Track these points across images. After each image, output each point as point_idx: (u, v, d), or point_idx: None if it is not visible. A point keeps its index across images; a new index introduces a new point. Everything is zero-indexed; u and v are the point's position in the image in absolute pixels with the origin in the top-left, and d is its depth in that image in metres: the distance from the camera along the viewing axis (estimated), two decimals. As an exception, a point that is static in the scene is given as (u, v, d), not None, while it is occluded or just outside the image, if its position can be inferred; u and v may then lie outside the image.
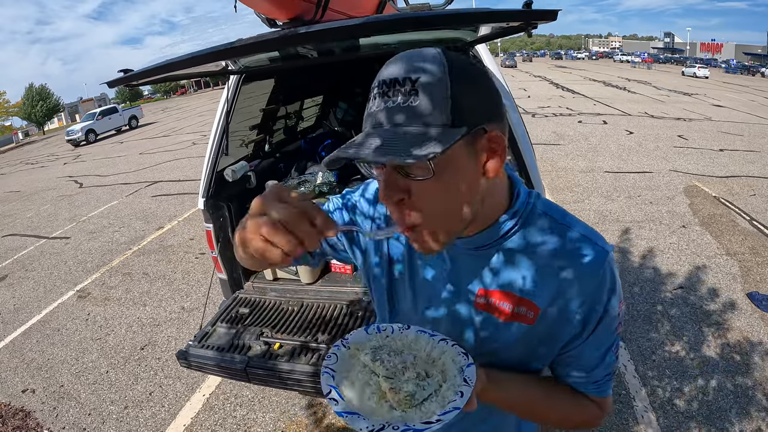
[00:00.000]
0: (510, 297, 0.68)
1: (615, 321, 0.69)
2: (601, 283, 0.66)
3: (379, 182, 0.60)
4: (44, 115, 38.82)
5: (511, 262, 0.68)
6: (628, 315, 3.25)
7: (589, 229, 0.69)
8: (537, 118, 12.77)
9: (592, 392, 0.75)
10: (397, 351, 0.63)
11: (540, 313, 0.67)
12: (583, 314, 0.67)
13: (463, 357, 0.62)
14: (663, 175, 6.72)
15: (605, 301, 0.66)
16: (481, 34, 1.72)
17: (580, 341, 0.69)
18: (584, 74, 34.21)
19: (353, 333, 0.65)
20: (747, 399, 2.44)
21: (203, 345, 2.09)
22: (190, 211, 6.69)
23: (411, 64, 0.55)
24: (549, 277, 0.66)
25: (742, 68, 47.05)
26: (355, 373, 0.61)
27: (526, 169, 2.03)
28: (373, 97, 0.57)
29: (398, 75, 0.55)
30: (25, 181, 12.22)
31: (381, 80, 0.56)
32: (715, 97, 18.83)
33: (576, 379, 0.74)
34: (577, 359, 0.72)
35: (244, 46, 1.21)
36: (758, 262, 3.96)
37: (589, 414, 0.76)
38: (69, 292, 4.51)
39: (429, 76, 0.54)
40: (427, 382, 0.60)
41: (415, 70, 0.54)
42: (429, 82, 0.54)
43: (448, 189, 0.57)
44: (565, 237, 0.67)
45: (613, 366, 0.74)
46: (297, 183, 2.76)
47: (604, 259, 0.66)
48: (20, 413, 2.81)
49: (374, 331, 0.64)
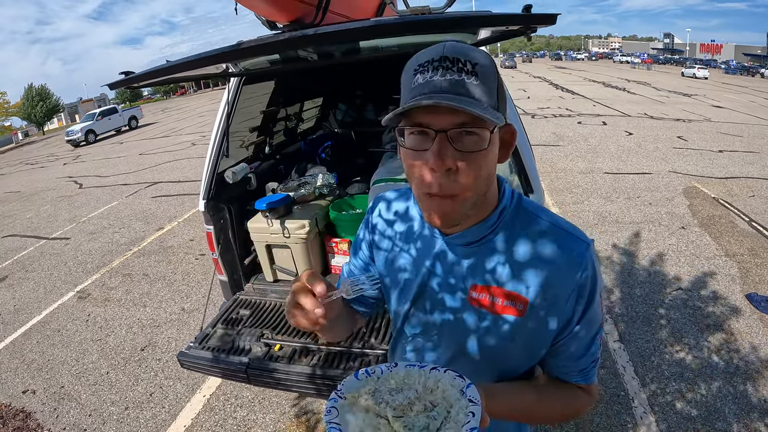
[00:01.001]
0: (500, 291, 0.72)
1: (598, 311, 0.73)
2: (584, 274, 0.69)
3: (424, 153, 0.63)
4: (44, 115, 38.76)
5: (499, 257, 0.72)
6: (627, 316, 3.26)
7: (569, 224, 0.73)
8: (536, 119, 12.78)
9: (580, 380, 0.78)
10: (396, 389, 0.63)
11: (529, 305, 0.70)
12: (571, 304, 0.70)
13: (459, 380, 0.62)
14: (662, 177, 6.73)
15: (590, 291, 0.70)
16: (481, 37, 1.73)
17: (568, 331, 0.73)
18: (584, 75, 34.23)
19: (344, 382, 0.64)
20: (746, 400, 2.44)
21: (204, 346, 2.10)
22: (190, 212, 6.69)
23: (469, 51, 0.61)
24: (536, 269, 0.70)
25: (742, 69, 47.07)
26: (361, 421, 0.60)
27: (525, 170, 2.04)
28: (428, 69, 0.61)
29: (460, 56, 0.60)
30: (25, 181, 12.22)
31: (443, 56, 0.61)
32: (715, 98, 18.85)
33: (564, 369, 0.78)
34: (566, 349, 0.75)
35: (246, 49, 1.21)
36: (757, 264, 3.96)
37: (581, 403, 0.80)
38: (69, 293, 4.51)
39: (486, 65, 0.61)
40: (436, 412, 0.59)
41: (474, 56, 0.61)
42: (486, 70, 0.61)
43: (489, 164, 0.65)
44: (548, 231, 0.71)
45: (598, 353, 0.78)
46: (297, 185, 2.77)
47: (586, 250, 0.70)
48: (21, 414, 2.81)
49: (365, 376, 0.63)
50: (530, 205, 0.75)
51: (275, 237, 2.47)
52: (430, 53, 0.62)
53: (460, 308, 0.75)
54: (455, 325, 0.77)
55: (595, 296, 0.71)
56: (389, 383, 0.63)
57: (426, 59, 0.62)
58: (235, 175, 2.58)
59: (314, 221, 2.51)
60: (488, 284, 0.72)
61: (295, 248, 2.47)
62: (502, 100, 0.64)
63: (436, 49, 0.62)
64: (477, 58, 0.61)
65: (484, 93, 0.61)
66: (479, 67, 0.60)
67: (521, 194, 0.76)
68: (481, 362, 0.77)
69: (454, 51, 0.60)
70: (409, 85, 0.63)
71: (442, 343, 0.80)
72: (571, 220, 5.11)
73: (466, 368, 0.78)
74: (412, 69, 0.63)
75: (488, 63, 0.62)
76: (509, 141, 0.69)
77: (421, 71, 0.62)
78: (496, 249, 0.72)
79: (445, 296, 0.77)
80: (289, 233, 2.42)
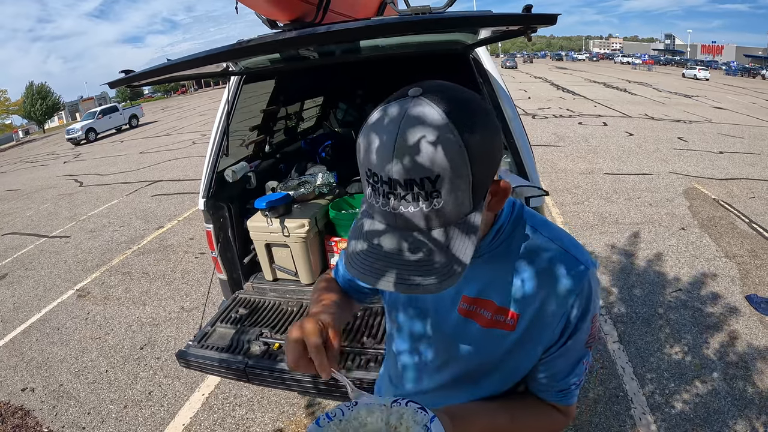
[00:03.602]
0: (491, 305, 0.70)
1: (587, 335, 0.71)
2: (578, 296, 0.67)
3: None
4: (44, 113, 38.78)
5: (493, 271, 0.70)
6: (627, 317, 3.26)
7: (571, 242, 0.71)
8: (537, 119, 12.78)
9: (559, 400, 0.77)
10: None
11: (519, 320, 0.69)
12: (561, 324, 0.69)
13: (422, 414, 0.60)
14: (663, 177, 6.72)
15: (581, 314, 0.68)
16: (481, 37, 1.73)
17: (554, 350, 0.71)
18: (585, 75, 34.22)
19: (308, 431, 0.63)
20: (745, 401, 2.44)
21: (203, 345, 2.10)
22: (190, 210, 6.69)
23: (425, 155, 0.47)
24: (530, 287, 0.68)
25: (743, 70, 47.11)
26: None
27: (526, 170, 2.04)
28: (381, 192, 0.51)
29: (414, 175, 0.48)
30: (26, 179, 12.22)
31: (393, 179, 0.49)
32: (716, 99, 18.84)
33: (545, 387, 0.76)
34: (550, 367, 0.74)
35: (245, 48, 1.21)
36: (757, 265, 3.96)
37: (556, 424, 0.78)
38: (69, 291, 4.51)
39: (450, 169, 0.48)
40: None
41: (432, 162, 0.47)
42: (451, 180, 0.49)
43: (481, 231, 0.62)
44: (547, 249, 0.69)
45: (582, 376, 0.76)
46: (297, 184, 2.77)
47: (584, 275, 0.67)
48: (20, 412, 2.81)
49: (326, 421, 0.62)
50: (532, 219, 0.72)
51: (275, 236, 2.47)
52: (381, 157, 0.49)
53: (450, 318, 0.75)
54: (445, 335, 0.76)
55: (587, 319, 0.69)
56: (351, 427, 0.62)
57: (375, 163, 0.50)
58: (234, 173, 2.58)
59: (314, 220, 2.51)
60: (480, 297, 0.71)
61: (295, 247, 2.47)
62: (483, 180, 0.53)
63: (385, 153, 0.49)
64: (435, 164, 0.47)
65: (452, 209, 0.51)
66: (440, 183, 0.48)
67: (523, 205, 0.74)
68: (469, 373, 0.77)
69: (407, 163, 0.48)
70: (365, 198, 0.56)
71: (433, 350, 0.80)
72: (571, 221, 5.11)
73: (454, 377, 0.78)
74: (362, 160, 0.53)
75: (454, 160, 0.48)
76: (502, 194, 0.59)
77: (378, 186, 0.51)
78: (490, 263, 0.70)
79: (436, 305, 0.76)
80: (288, 232, 2.42)
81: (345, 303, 0.91)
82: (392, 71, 3.54)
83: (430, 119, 0.49)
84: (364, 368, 1.87)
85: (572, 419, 0.80)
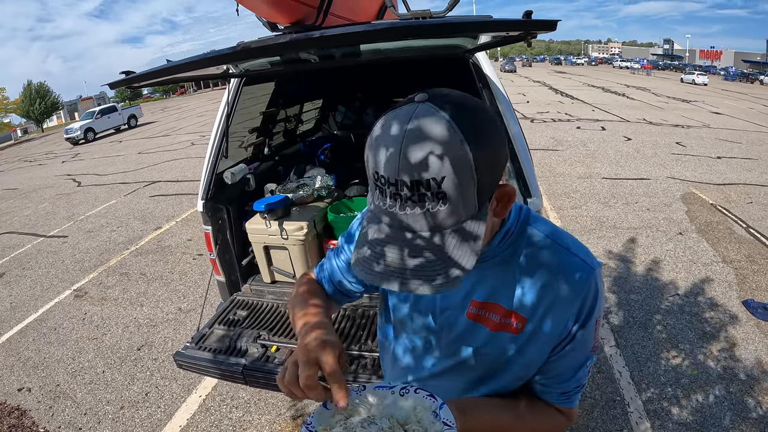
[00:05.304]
0: (499, 308, 0.71)
1: (592, 337, 0.72)
2: (585, 299, 0.68)
3: None
4: (43, 112, 38.65)
5: (501, 274, 0.71)
6: (624, 322, 3.26)
7: (577, 245, 0.71)
8: (535, 123, 12.81)
9: (562, 402, 0.77)
10: (369, 420, 0.61)
11: (526, 324, 0.70)
12: (568, 327, 0.69)
13: (431, 400, 0.61)
14: (660, 182, 6.74)
15: (587, 316, 0.69)
16: (481, 42, 1.74)
17: (557, 352, 0.72)
18: (583, 80, 34.32)
19: (314, 415, 0.62)
20: (741, 406, 2.45)
21: (200, 347, 2.10)
22: (188, 211, 6.68)
23: (432, 157, 0.49)
24: (537, 290, 0.69)
25: (741, 75, 47.29)
26: None
27: (524, 174, 2.05)
28: (388, 193, 0.52)
29: (420, 176, 0.49)
30: (24, 178, 12.19)
31: (400, 180, 0.50)
32: (714, 104, 18.91)
33: (548, 388, 0.77)
34: (554, 369, 0.74)
35: (245, 50, 1.21)
36: (754, 270, 3.98)
37: (557, 425, 0.79)
38: (66, 291, 4.50)
39: (455, 172, 0.49)
40: None
41: (438, 164, 0.49)
42: (456, 182, 0.50)
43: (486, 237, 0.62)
44: (553, 252, 0.70)
45: (585, 380, 0.76)
46: (295, 186, 2.77)
47: (590, 276, 0.68)
48: (16, 412, 2.80)
49: (333, 405, 0.62)
50: (537, 223, 0.73)
51: (273, 238, 2.47)
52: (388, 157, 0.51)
53: (458, 322, 0.75)
54: (453, 338, 0.76)
55: (591, 322, 0.70)
56: (360, 411, 0.62)
57: (383, 165, 0.51)
58: (233, 175, 2.58)
59: (312, 223, 2.51)
60: (488, 301, 0.72)
61: (293, 250, 2.47)
62: (489, 184, 0.54)
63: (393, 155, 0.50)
64: (443, 165, 0.49)
65: (456, 212, 0.52)
66: (446, 186, 0.49)
67: (530, 210, 0.75)
68: (476, 375, 0.77)
69: (413, 160, 0.49)
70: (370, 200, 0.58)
71: (440, 352, 0.80)
72: (569, 225, 5.11)
73: (461, 379, 0.78)
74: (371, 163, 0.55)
75: (460, 164, 0.49)
76: (507, 199, 0.60)
77: (383, 187, 0.52)
78: (498, 267, 0.71)
79: (444, 309, 0.76)
80: (287, 235, 2.43)
81: (329, 308, 0.91)
82: (392, 75, 3.56)
83: (436, 123, 0.50)
84: (370, 372, 1.87)
85: (573, 422, 0.81)
